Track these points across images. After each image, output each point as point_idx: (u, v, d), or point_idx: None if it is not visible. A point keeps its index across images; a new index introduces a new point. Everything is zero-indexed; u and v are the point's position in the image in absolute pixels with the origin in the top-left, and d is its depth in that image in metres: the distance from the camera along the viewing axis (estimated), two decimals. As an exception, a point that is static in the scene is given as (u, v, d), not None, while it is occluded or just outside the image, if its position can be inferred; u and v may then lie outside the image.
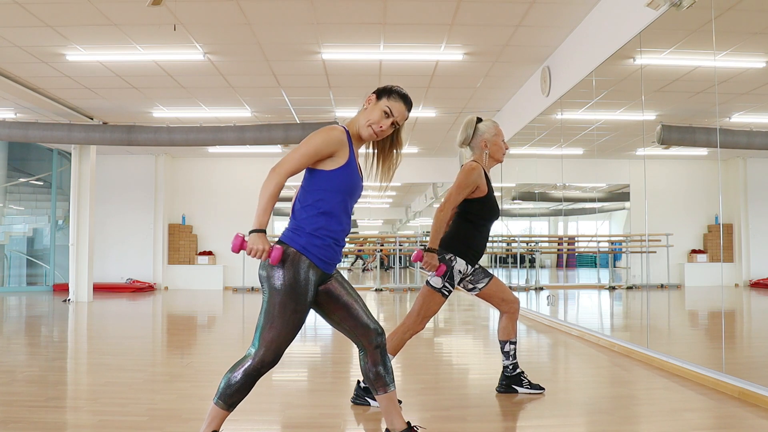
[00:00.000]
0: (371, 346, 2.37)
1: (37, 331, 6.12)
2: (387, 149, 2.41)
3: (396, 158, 2.42)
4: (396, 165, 2.43)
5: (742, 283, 4.96)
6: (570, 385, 3.77)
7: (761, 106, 4.35)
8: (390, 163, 2.42)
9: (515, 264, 9.87)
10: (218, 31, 5.53)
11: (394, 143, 2.41)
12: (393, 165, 2.42)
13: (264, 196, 2.10)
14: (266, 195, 2.10)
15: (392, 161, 2.42)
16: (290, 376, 3.94)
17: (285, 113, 8.56)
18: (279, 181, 2.11)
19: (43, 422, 2.76)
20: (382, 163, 2.41)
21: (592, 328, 5.46)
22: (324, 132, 2.20)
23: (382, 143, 2.41)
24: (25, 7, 4.94)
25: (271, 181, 2.11)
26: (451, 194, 3.11)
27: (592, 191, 7.29)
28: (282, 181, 2.12)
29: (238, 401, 2.21)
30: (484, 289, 3.26)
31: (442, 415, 2.94)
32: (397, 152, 2.42)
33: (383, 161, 2.41)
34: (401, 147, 2.43)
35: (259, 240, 2.07)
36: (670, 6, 3.79)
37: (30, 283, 11.33)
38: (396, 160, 2.42)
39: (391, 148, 2.42)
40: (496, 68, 6.59)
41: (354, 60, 6.33)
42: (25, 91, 7.17)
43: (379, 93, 2.34)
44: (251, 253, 2.07)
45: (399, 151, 2.42)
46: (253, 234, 2.08)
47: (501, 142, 3.25)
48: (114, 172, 11.60)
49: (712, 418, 2.98)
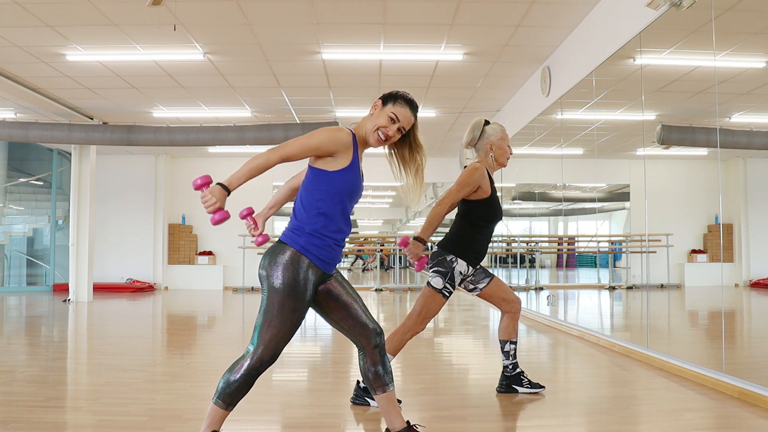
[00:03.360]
0: (370, 345, 2.37)
1: (37, 331, 6.12)
2: (409, 154, 2.41)
3: (422, 160, 2.42)
4: (423, 166, 2.42)
5: (742, 283, 4.96)
6: (570, 385, 3.77)
7: (761, 106, 4.35)
8: (417, 166, 2.42)
9: (515, 264, 9.88)
10: (218, 31, 5.53)
11: (414, 147, 2.41)
12: (421, 167, 2.42)
13: (248, 165, 2.07)
14: (250, 165, 2.07)
15: (419, 164, 2.42)
16: (290, 376, 3.94)
17: (285, 113, 8.56)
18: (270, 158, 2.09)
19: (43, 422, 2.76)
20: (409, 168, 2.41)
21: (592, 328, 5.46)
22: (330, 130, 2.20)
23: (401, 149, 2.41)
24: (25, 7, 4.94)
25: (262, 156, 2.08)
26: (451, 191, 3.11)
27: (592, 191, 7.29)
28: (273, 160, 2.09)
29: (238, 400, 2.22)
30: (485, 289, 3.26)
31: (442, 415, 2.94)
32: (420, 154, 2.42)
33: (409, 166, 2.41)
34: (422, 148, 2.42)
35: (218, 192, 2.02)
36: (670, 6, 3.79)
37: (30, 283, 11.33)
38: (422, 161, 2.42)
39: (412, 152, 2.41)
40: (496, 68, 6.59)
41: (354, 60, 6.33)
42: (25, 91, 7.17)
43: (385, 99, 2.35)
44: (202, 198, 2.03)
45: (422, 152, 2.42)
46: (217, 186, 2.04)
47: (506, 147, 3.25)
48: (114, 172, 11.60)
49: (712, 418, 2.98)
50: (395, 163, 2.43)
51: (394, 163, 2.44)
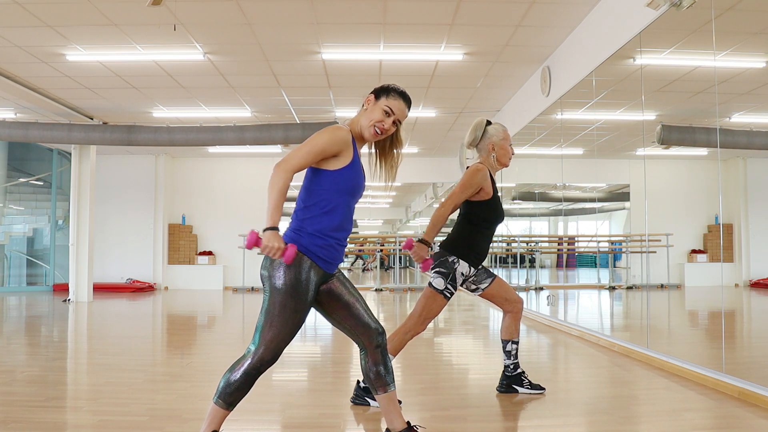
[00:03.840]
0: (372, 345, 2.37)
1: (37, 331, 6.12)
2: (387, 149, 2.43)
3: (397, 157, 2.44)
4: (398, 164, 2.45)
5: (742, 283, 4.96)
6: (570, 385, 3.77)
7: (761, 106, 4.35)
8: (392, 163, 2.44)
9: (515, 264, 9.88)
10: (218, 31, 5.53)
11: (394, 143, 2.43)
12: (395, 164, 2.44)
13: (273, 194, 2.09)
14: (275, 192, 2.08)
15: (394, 160, 2.44)
16: (290, 376, 3.94)
17: (285, 113, 8.56)
18: (286, 177, 2.10)
19: (43, 422, 2.76)
20: (384, 163, 2.44)
21: (592, 328, 5.46)
22: (330, 131, 2.21)
23: (382, 143, 2.43)
24: (25, 7, 4.94)
25: (278, 178, 2.09)
26: (454, 192, 3.11)
27: (592, 191, 7.29)
28: (289, 177, 2.11)
29: (238, 400, 2.22)
30: (487, 289, 3.26)
31: (442, 415, 2.94)
32: (398, 151, 2.44)
33: (385, 161, 2.44)
34: (401, 146, 2.45)
35: (274, 238, 2.05)
36: (670, 6, 3.79)
37: (30, 283, 11.33)
38: (397, 159, 2.45)
39: (391, 148, 2.43)
40: (496, 68, 6.59)
41: (354, 60, 6.33)
42: (25, 91, 7.17)
43: (377, 93, 2.35)
44: (265, 250, 2.06)
45: (399, 150, 2.44)
46: (268, 231, 2.06)
47: (508, 147, 3.25)
48: (114, 172, 11.60)
49: (712, 418, 2.98)
50: (373, 152, 2.45)
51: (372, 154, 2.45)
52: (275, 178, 2.10)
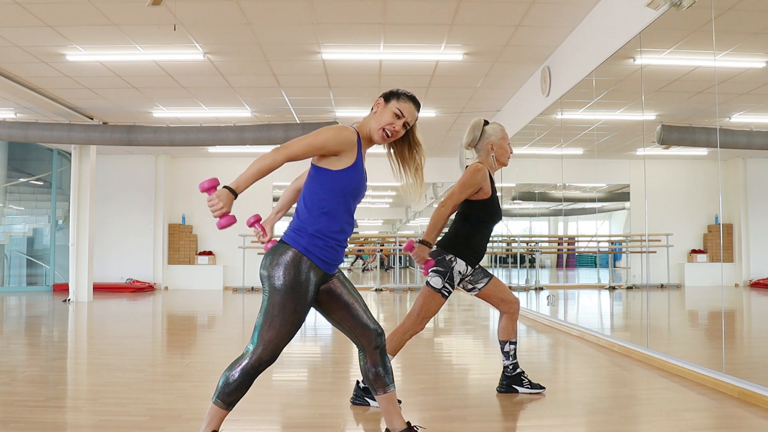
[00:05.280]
0: (371, 346, 2.37)
1: (37, 331, 6.12)
2: (408, 153, 2.42)
3: (421, 158, 2.43)
4: (422, 165, 2.43)
5: (742, 283, 4.95)
6: (570, 385, 3.77)
7: (761, 106, 4.34)
8: (417, 165, 2.42)
9: (515, 264, 9.87)
10: (218, 31, 5.53)
11: (413, 145, 2.42)
12: (420, 166, 2.43)
13: (255, 166, 2.06)
14: (257, 166, 2.06)
15: (418, 163, 2.43)
16: (290, 376, 3.94)
17: (285, 113, 8.56)
18: (276, 159, 2.07)
19: (43, 422, 2.76)
20: (409, 168, 2.42)
21: (592, 328, 5.46)
22: (335, 129, 2.20)
23: (401, 148, 2.42)
24: (25, 7, 4.94)
25: (269, 157, 2.07)
26: (454, 192, 3.11)
27: (592, 191, 7.29)
28: (280, 160, 2.08)
29: (237, 400, 2.22)
30: (483, 289, 3.26)
31: (442, 415, 2.94)
32: (419, 152, 2.43)
33: (409, 165, 2.42)
34: (421, 146, 2.43)
35: (225, 196, 2.01)
36: (670, 6, 3.79)
37: (30, 283, 11.33)
38: (421, 160, 2.43)
39: (411, 151, 2.42)
40: (496, 68, 6.59)
41: (354, 60, 6.33)
42: (25, 91, 7.17)
43: (387, 96, 2.36)
44: (209, 202, 2.01)
45: (420, 150, 2.43)
46: (224, 189, 2.03)
47: (507, 146, 3.25)
48: (114, 172, 11.60)
49: (712, 418, 2.98)
50: (395, 162, 2.44)
51: (393, 163, 2.44)
52: (267, 156, 2.08)
